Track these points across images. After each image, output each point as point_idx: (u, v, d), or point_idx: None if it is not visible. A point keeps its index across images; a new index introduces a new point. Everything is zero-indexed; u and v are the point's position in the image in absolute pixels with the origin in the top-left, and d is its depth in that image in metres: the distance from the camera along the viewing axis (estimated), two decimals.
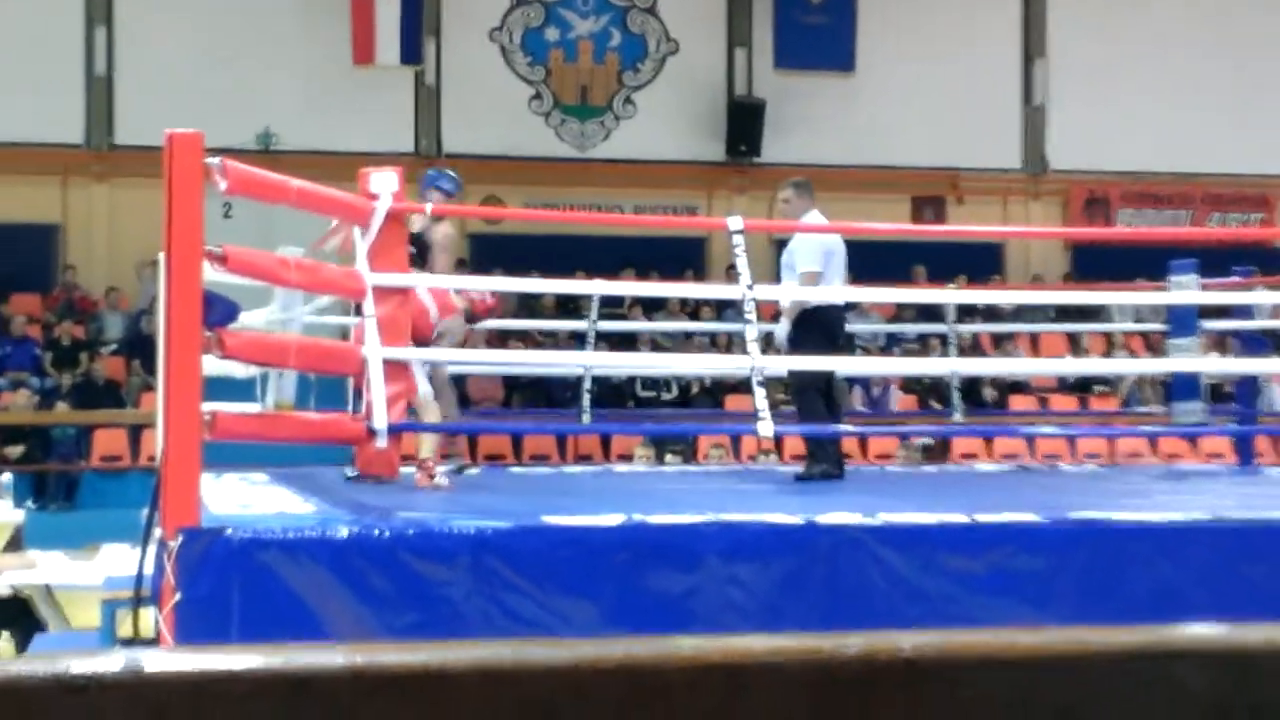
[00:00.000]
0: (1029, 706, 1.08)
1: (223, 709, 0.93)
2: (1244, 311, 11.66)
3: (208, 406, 6.41)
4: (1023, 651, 1.08)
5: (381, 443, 7.49)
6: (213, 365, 6.99)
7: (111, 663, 0.97)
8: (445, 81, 20.91)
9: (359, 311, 7.83)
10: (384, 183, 7.84)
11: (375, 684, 0.96)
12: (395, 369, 7.66)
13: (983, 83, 21.75)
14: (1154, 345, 13.59)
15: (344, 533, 6.21)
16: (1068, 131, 21.84)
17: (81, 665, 0.97)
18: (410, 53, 20.25)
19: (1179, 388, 11.19)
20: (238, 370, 8.92)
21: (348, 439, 7.79)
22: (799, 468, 10.05)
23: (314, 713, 0.97)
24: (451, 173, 9.56)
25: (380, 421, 7.38)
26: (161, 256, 6.21)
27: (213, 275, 6.56)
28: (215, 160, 6.41)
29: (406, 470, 8.29)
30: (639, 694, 0.98)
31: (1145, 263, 13.60)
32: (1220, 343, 12.80)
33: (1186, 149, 21.49)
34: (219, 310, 6.66)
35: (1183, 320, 11.25)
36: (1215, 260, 11.61)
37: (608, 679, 0.97)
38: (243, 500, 7.67)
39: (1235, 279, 11.70)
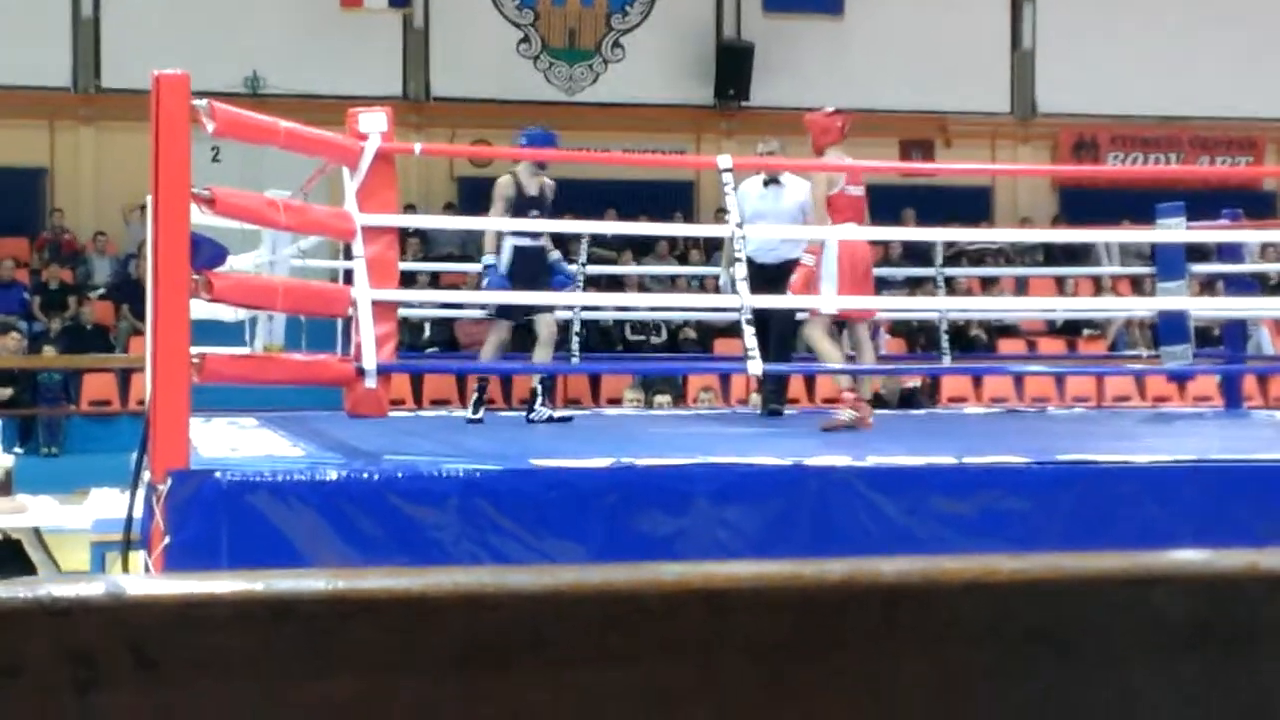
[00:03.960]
0: (1006, 630, 1.10)
1: (204, 633, 0.94)
2: (1232, 254, 11.68)
3: (196, 350, 6.41)
4: (1002, 577, 1.09)
5: (370, 383, 7.48)
6: (201, 309, 6.99)
7: (94, 587, 0.98)
8: (433, 25, 20.84)
9: (349, 254, 7.82)
10: (373, 123, 7.82)
11: (356, 608, 0.97)
12: (384, 309, 7.65)
13: (971, 26, 21.69)
14: (1142, 288, 13.59)
15: (333, 475, 6.23)
16: (1056, 75, 21.80)
17: (63, 590, 0.98)
18: None
19: (1167, 330, 11.20)
20: (226, 314, 8.92)
21: (336, 380, 7.78)
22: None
23: (295, 637, 0.97)
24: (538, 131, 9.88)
25: (369, 362, 7.37)
26: (149, 200, 6.20)
27: (200, 218, 6.55)
28: (202, 102, 6.38)
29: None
30: (620, 618, 0.99)
31: (1133, 206, 13.61)
32: (1209, 286, 12.82)
33: (1175, 92, 21.47)
34: (206, 253, 6.65)
35: (1170, 263, 11.26)
36: (1203, 203, 11.61)
37: (588, 604, 0.97)
38: (232, 444, 7.68)
39: (1223, 221, 11.71)
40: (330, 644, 0.97)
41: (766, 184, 9.95)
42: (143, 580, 0.99)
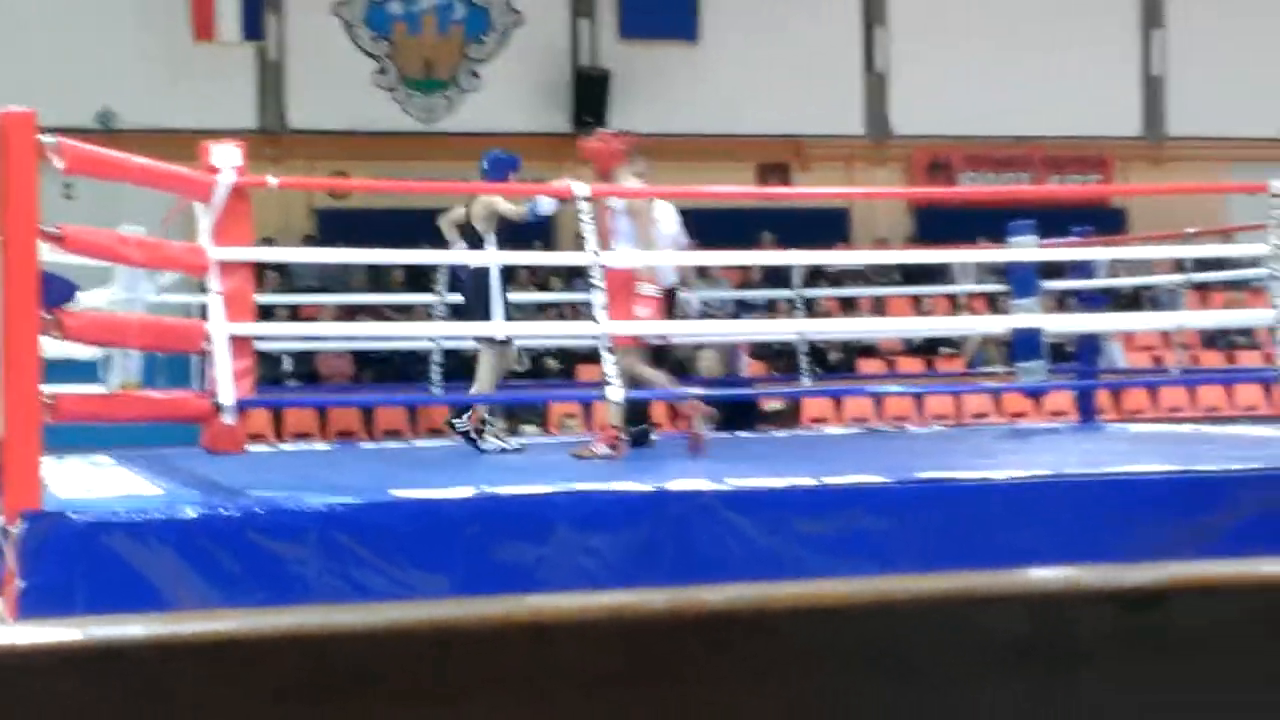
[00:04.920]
0: (835, 653, 1.11)
1: (24, 684, 0.93)
2: (1083, 271, 11.86)
3: (49, 389, 6.33)
4: (830, 601, 1.11)
5: (228, 418, 7.41)
6: (56, 347, 6.90)
7: None
8: (288, 57, 20.71)
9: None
10: (226, 156, 7.77)
11: (181, 653, 0.96)
12: (241, 344, 7.59)
13: (825, 50, 21.86)
14: (997, 306, 13.77)
15: (191, 514, 6.16)
16: (909, 97, 22.03)
17: None
18: (252, 28, 20.03)
19: (1021, 347, 11.35)
20: (82, 352, 8.81)
21: (194, 417, 7.71)
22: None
23: (119, 685, 0.96)
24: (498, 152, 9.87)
25: (226, 397, 7.31)
26: None
27: (53, 256, 6.47)
28: (51, 139, 6.31)
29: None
30: (445, 655, 0.99)
31: (987, 224, 13.77)
32: (1061, 303, 13.02)
33: (1026, 112, 21.74)
34: (56, 290, 6.58)
35: (1023, 281, 11.42)
36: (1055, 221, 11.78)
37: (417, 640, 0.98)
38: (87, 484, 7.58)
39: (1073, 239, 11.89)
40: (155, 689, 0.96)
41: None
42: None
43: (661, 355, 9.65)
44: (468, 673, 1.00)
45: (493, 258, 9.49)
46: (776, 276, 14.34)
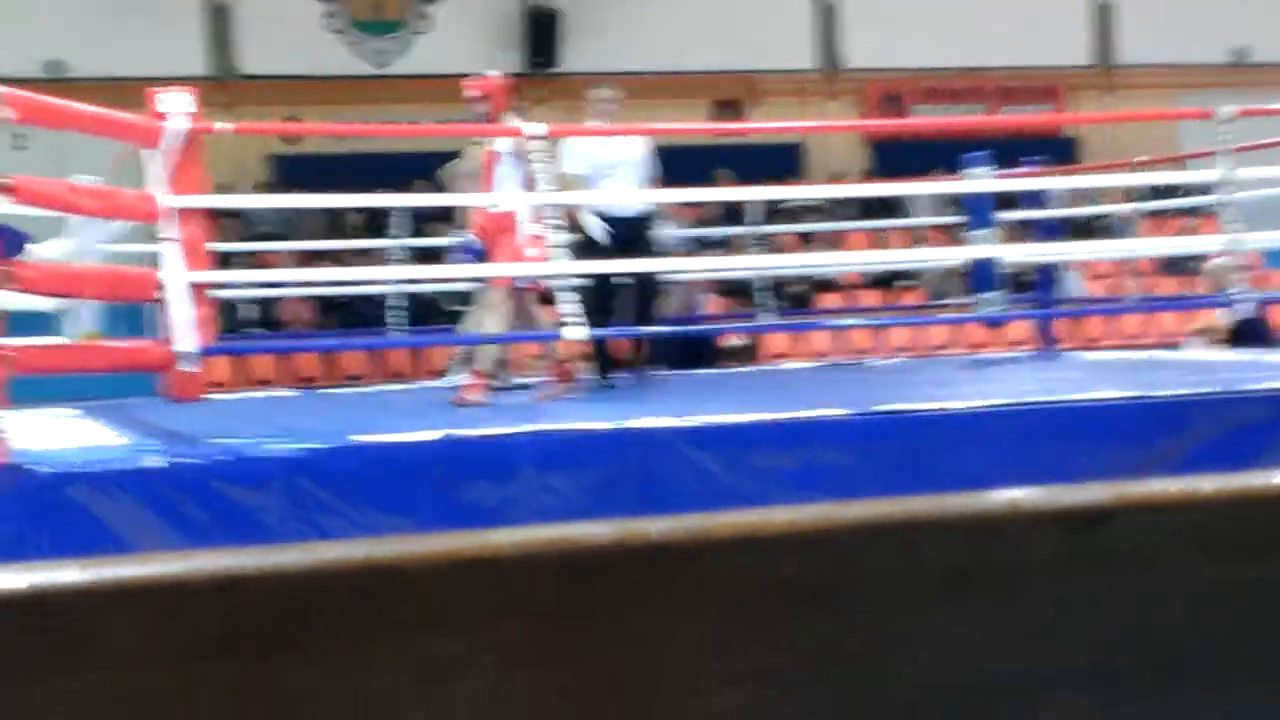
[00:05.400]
0: (775, 582, 1.12)
1: None
2: (1037, 201, 11.90)
3: (8, 341, 6.32)
4: (772, 530, 1.12)
5: (188, 366, 7.41)
6: (17, 300, 6.89)
7: None
8: (237, 2, 20.57)
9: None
10: (175, 103, 7.74)
11: (113, 598, 0.97)
12: (199, 292, 7.58)
13: None
14: (955, 238, 13.81)
15: (154, 463, 6.17)
16: (860, 30, 21.98)
17: None
18: None
19: (979, 278, 11.39)
20: (42, 304, 8.77)
21: (156, 365, 7.70)
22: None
23: (49, 630, 0.97)
24: None
25: (185, 345, 7.30)
26: None
27: (5, 207, 6.45)
28: (0, 89, 6.29)
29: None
30: (386, 592, 1.00)
31: (942, 156, 13.79)
32: (1019, 233, 13.06)
33: (977, 43, 21.72)
34: (8, 242, 6.55)
35: (979, 212, 11.45)
36: (1009, 151, 11.81)
37: (355, 579, 0.99)
38: (52, 435, 7.56)
39: (1026, 169, 11.94)
40: (83, 636, 0.97)
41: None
42: None
43: (614, 292, 9.63)
44: (408, 611, 1.01)
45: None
46: (733, 213, 14.34)
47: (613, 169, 9.59)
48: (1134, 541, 1.27)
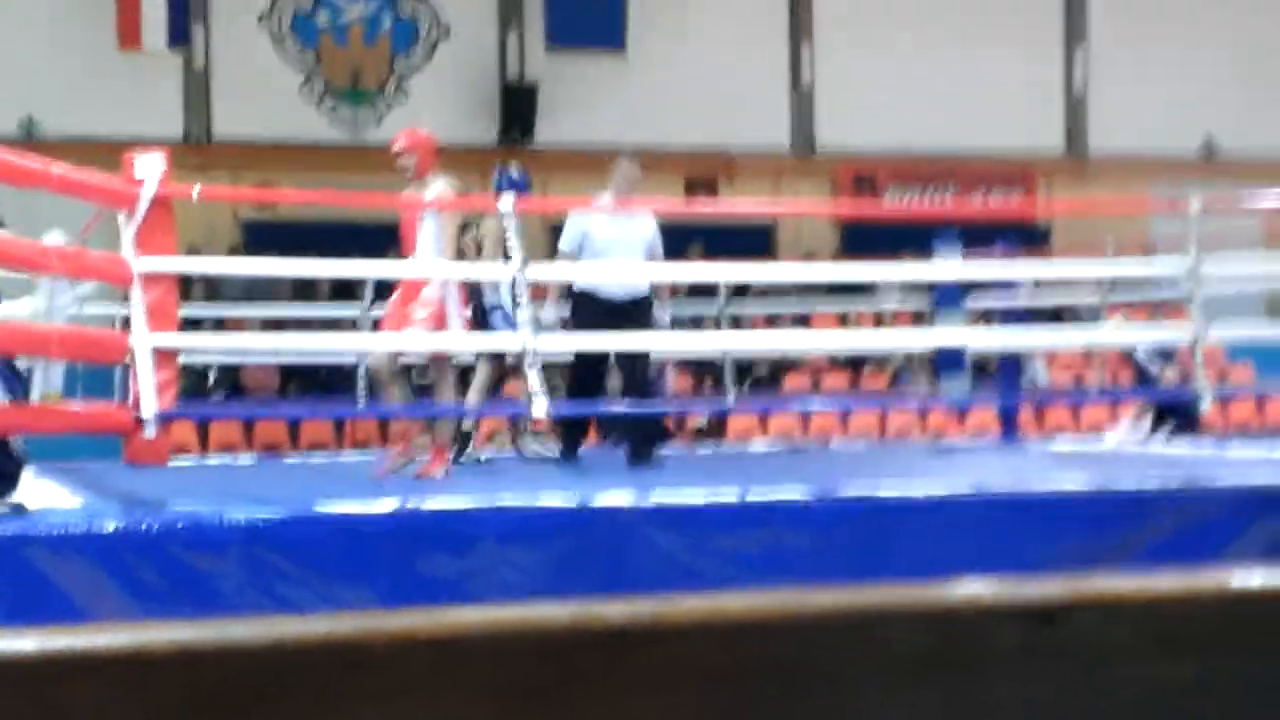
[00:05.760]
0: (737, 667, 1.12)
1: None
2: (1006, 288, 11.94)
3: None
4: (732, 615, 1.12)
5: (150, 431, 7.38)
6: None
7: None
8: (214, 66, 20.58)
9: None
10: (149, 166, 7.73)
11: (72, 668, 0.96)
12: (164, 356, 7.56)
13: (752, 63, 21.88)
14: (922, 322, 13.84)
15: (112, 526, 6.12)
16: (835, 112, 22.09)
17: None
18: (177, 36, 19.87)
19: (945, 363, 11.42)
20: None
21: (116, 429, 7.67)
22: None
23: (5, 700, 0.96)
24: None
25: (148, 410, 7.27)
26: None
27: None
28: None
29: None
30: (345, 669, 1.00)
31: (912, 239, 13.83)
32: (984, 319, 13.10)
33: (951, 127, 21.84)
34: None
35: (948, 296, 11.48)
36: (979, 237, 11.85)
37: (313, 656, 0.98)
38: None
39: (996, 253, 11.97)
40: (43, 707, 0.96)
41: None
42: None
43: (604, 371, 9.58)
44: (367, 688, 1.01)
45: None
46: (702, 290, 14.37)
47: (613, 246, 9.51)
48: (1092, 637, 1.27)
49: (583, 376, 9.52)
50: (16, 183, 7.11)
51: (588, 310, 9.38)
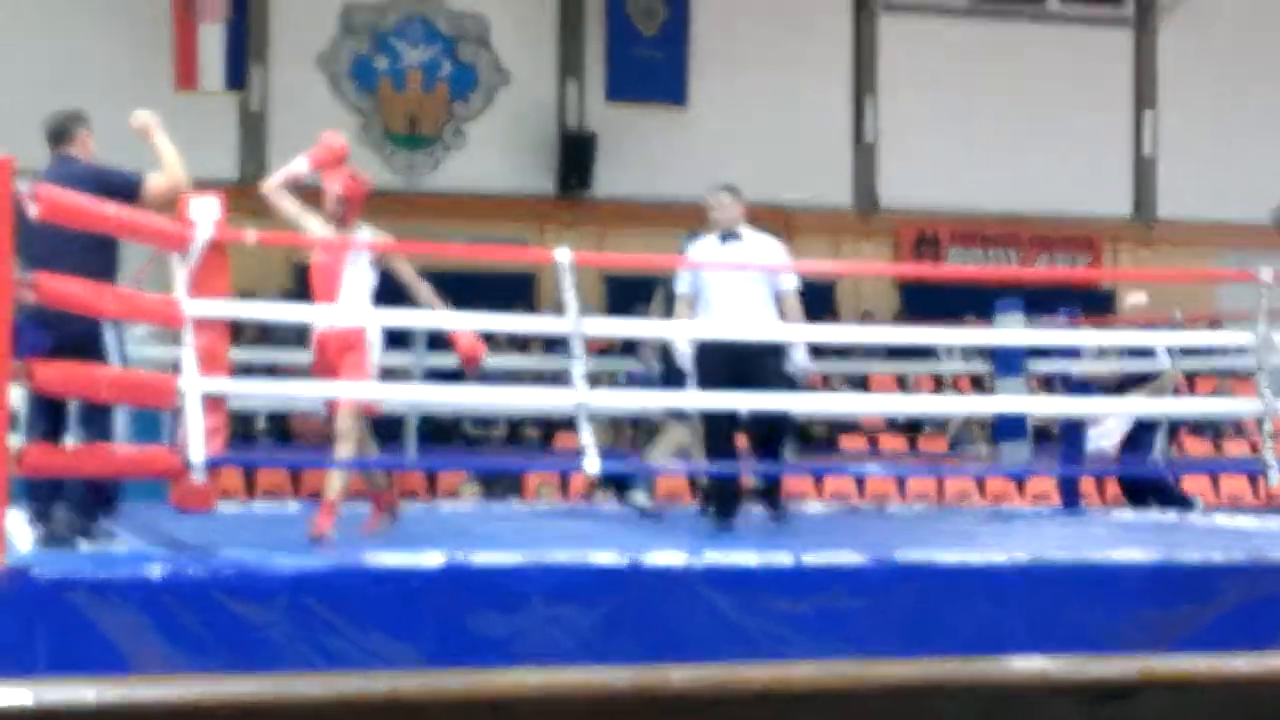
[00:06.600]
0: None
1: None
2: (1069, 353, 11.80)
3: (16, 440, 6.23)
4: (794, 685, 1.07)
5: (198, 476, 7.30)
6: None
7: None
8: (271, 108, 20.64)
9: None
10: (204, 209, 7.69)
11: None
12: (214, 401, 7.48)
13: (814, 119, 21.84)
14: (982, 386, 13.70)
15: (156, 572, 6.06)
16: (898, 171, 22.00)
17: None
18: (235, 78, 19.95)
19: (1005, 429, 11.29)
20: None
21: (164, 473, 7.60)
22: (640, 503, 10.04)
23: None
24: None
25: (196, 455, 7.19)
26: None
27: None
28: (26, 186, 6.23)
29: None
30: None
31: (974, 302, 13.72)
32: (1046, 384, 12.95)
33: (1016, 189, 21.74)
34: (29, 339, 6.49)
35: (1009, 361, 11.35)
36: (1043, 300, 11.74)
37: (375, 714, 0.92)
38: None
39: (1060, 319, 11.84)
40: None
41: (724, 239, 9.56)
42: None
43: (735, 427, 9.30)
44: None
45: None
46: None
47: (730, 285, 9.15)
48: (1160, 718, 1.20)
49: (713, 432, 9.18)
50: (72, 224, 7.06)
51: (711, 359, 8.89)
